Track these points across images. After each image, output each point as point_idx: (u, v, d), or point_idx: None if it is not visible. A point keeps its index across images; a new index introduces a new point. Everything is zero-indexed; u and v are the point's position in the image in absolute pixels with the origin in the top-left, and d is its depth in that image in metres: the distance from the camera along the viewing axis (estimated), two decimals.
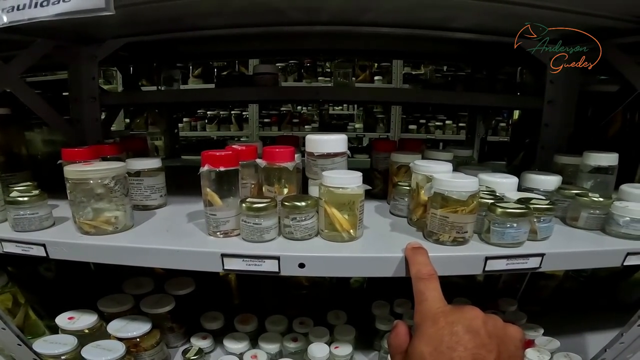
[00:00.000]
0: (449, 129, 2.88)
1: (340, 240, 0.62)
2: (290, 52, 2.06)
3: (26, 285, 0.86)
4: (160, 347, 0.79)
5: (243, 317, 0.88)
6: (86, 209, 0.62)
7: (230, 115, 3.13)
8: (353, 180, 0.60)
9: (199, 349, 0.81)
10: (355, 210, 0.61)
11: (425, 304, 0.47)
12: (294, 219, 0.62)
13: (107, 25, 0.85)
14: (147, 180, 0.77)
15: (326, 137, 0.67)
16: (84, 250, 0.61)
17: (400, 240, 0.64)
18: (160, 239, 0.63)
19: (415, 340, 0.45)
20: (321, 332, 0.82)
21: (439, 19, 0.85)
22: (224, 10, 0.80)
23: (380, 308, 0.90)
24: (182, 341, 0.88)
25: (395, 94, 1.25)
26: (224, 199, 0.62)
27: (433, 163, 0.67)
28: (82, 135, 0.97)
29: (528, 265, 0.59)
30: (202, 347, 0.82)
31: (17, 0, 0.50)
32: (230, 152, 0.62)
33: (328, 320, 0.87)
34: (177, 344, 0.87)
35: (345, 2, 0.75)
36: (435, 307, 0.46)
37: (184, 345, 0.87)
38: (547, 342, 0.80)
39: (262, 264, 0.58)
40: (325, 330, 0.83)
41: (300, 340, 0.82)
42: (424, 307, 0.47)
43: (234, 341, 0.82)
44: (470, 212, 0.58)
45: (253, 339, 0.84)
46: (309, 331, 0.83)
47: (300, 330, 0.84)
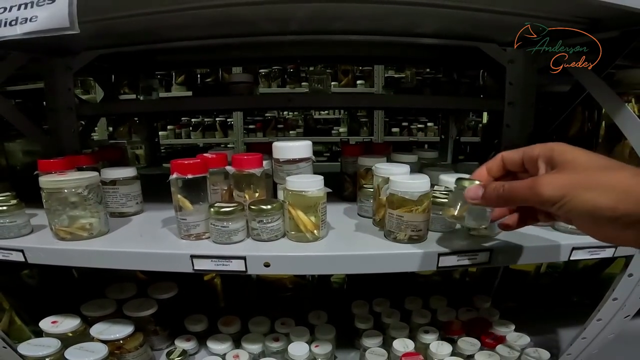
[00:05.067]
0: (430, 131, 2.94)
1: (305, 240, 0.66)
2: (272, 60, 2.09)
3: (10, 292, 0.88)
4: (144, 349, 0.81)
5: (226, 319, 0.91)
6: (62, 216, 0.65)
7: (215, 122, 3.15)
8: (314, 184, 0.64)
9: (182, 350, 0.83)
10: (318, 212, 0.65)
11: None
12: (260, 222, 0.65)
13: (80, 38, 0.87)
14: (123, 188, 0.80)
15: (290, 144, 0.71)
16: (60, 254, 0.64)
17: (362, 239, 0.68)
18: (133, 243, 0.67)
19: None
20: (301, 332, 0.85)
21: (404, 25, 0.89)
22: (196, 22, 0.82)
23: (360, 307, 0.93)
24: (166, 343, 0.90)
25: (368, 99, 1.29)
26: (194, 204, 0.65)
27: (392, 165, 0.71)
28: (59, 145, 0.99)
29: (478, 261, 0.63)
30: (186, 348, 0.85)
31: None
32: (198, 160, 0.66)
33: (309, 320, 0.90)
34: (162, 346, 0.90)
35: (312, 12, 0.78)
36: None
37: (169, 348, 0.88)
38: (518, 338, 0.82)
39: (229, 264, 0.62)
40: (305, 329, 0.86)
41: (282, 340, 0.84)
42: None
43: (217, 342, 0.85)
44: (423, 212, 0.62)
45: (236, 340, 0.86)
46: (290, 331, 0.86)
47: (281, 331, 0.87)
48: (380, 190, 0.70)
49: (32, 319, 0.88)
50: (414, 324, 0.87)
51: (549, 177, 0.41)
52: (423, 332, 0.83)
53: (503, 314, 0.92)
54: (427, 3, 0.68)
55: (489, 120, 1.36)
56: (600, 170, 0.39)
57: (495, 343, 0.82)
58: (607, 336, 0.75)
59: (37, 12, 0.51)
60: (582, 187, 0.38)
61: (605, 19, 0.72)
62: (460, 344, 0.80)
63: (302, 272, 0.63)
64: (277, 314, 0.92)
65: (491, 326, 0.87)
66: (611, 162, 0.40)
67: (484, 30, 0.90)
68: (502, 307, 0.94)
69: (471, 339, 0.82)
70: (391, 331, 0.84)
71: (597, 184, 0.38)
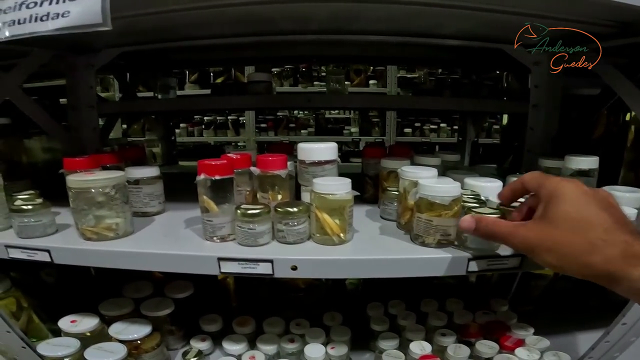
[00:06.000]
0: (443, 132, 2.91)
1: (330, 243, 0.65)
2: (285, 59, 2.09)
3: (29, 290, 0.88)
4: (161, 349, 0.81)
5: (241, 320, 0.90)
6: (88, 216, 0.65)
7: (227, 121, 3.16)
8: (342, 187, 0.63)
9: (198, 350, 0.83)
10: (345, 215, 0.64)
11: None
12: (286, 224, 0.64)
13: (103, 35, 0.87)
14: (146, 188, 0.79)
15: (316, 146, 0.70)
16: (87, 255, 0.64)
17: (388, 243, 0.67)
18: (159, 244, 0.66)
19: None
20: (317, 333, 0.84)
21: (426, 26, 0.88)
22: (218, 20, 0.82)
23: (375, 309, 0.92)
24: (181, 343, 0.90)
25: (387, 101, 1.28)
26: (220, 206, 0.65)
27: (419, 169, 0.70)
28: (80, 143, 0.99)
29: (509, 265, 0.62)
30: (202, 349, 0.84)
31: (17, 14, 0.52)
32: (225, 161, 0.65)
33: (324, 322, 0.89)
34: (177, 346, 0.89)
35: (333, 13, 0.78)
36: None
37: (184, 348, 0.88)
38: (537, 342, 0.81)
39: (256, 267, 0.61)
40: (321, 331, 0.85)
41: (297, 341, 0.83)
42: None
43: (232, 343, 0.84)
44: (453, 216, 0.61)
45: (251, 340, 0.86)
46: (305, 332, 0.85)
47: (296, 332, 0.86)
48: (407, 194, 0.69)
49: (50, 317, 0.88)
50: (430, 327, 0.86)
51: (524, 230, 0.50)
52: (440, 335, 0.82)
53: (521, 318, 0.90)
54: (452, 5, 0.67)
55: (509, 123, 1.34)
56: (569, 230, 0.46)
57: (514, 346, 0.80)
58: (630, 339, 0.74)
59: (70, 7, 0.50)
60: (545, 249, 0.48)
61: (635, 23, 0.71)
62: (478, 346, 0.79)
63: (330, 275, 0.62)
64: (291, 315, 0.92)
65: (509, 329, 0.86)
66: (590, 218, 0.45)
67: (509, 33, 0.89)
68: (519, 311, 0.93)
69: (489, 342, 0.80)
70: (407, 333, 0.83)
71: (557, 245, 0.46)
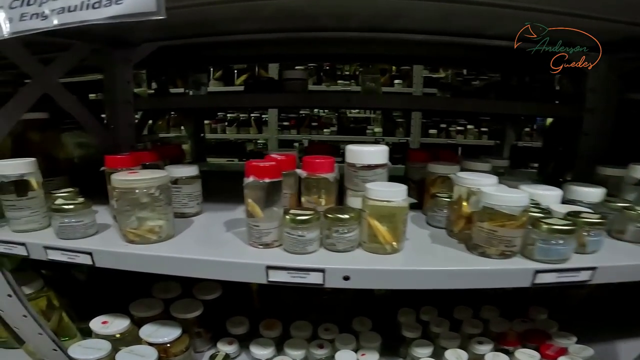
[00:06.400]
0: (470, 134, 2.84)
1: (382, 252, 0.61)
2: (311, 57, 2.06)
3: (60, 288, 0.87)
4: (189, 352, 0.79)
5: (268, 323, 0.88)
6: (131, 217, 0.62)
7: (250, 118, 3.15)
8: (398, 194, 0.59)
9: (225, 354, 0.81)
10: (399, 223, 0.61)
11: None
12: (337, 231, 0.61)
13: (143, 29, 0.86)
14: (185, 188, 0.77)
15: (367, 149, 0.66)
16: (130, 259, 0.61)
17: (443, 252, 0.64)
18: (203, 249, 0.63)
19: None
20: (348, 339, 0.82)
21: (475, 26, 0.84)
22: (258, 14, 0.80)
23: (406, 315, 0.89)
24: (208, 346, 0.88)
25: (429, 102, 1.23)
26: (267, 210, 0.62)
27: (477, 175, 0.66)
28: (116, 139, 0.98)
29: (578, 279, 0.58)
30: (229, 352, 0.82)
31: (67, 1, 0.49)
32: (274, 162, 0.62)
33: (352, 327, 0.86)
34: (203, 349, 0.87)
35: (377, 10, 0.75)
36: None
37: (210, 350, 0.86)
38: (581, 350, 0.78)
39: (307, 277, 0.58)
40: (351, 337, 0.82)
41: (327, 347, 0.81)
42: None
43: (260, 347, 0.82)
44: (520, 227, 0.57)
45: (278, 344, 0.84)
46: (334, 338, 0.82)
47: (325, 337, 0.83)
48: (463, 201, 0.65)
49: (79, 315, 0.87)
50: (464, 334, 0.83)
51: None
52: (476, 343, 0.79)
53: (561, 326, 0.86)
54: (507, 4, 0.63)
55: (553, 126, 1.28)
56: None
57: (556, 355, 0.77)
58: None
59: None
60: None
61: None
62: (518, 355, 0.76)
63: (384, 286, 0.59)
64: (317, 318, 0.89)
65: (550, 338, 0.82)
66: None
67: (566, 34, 0.84)
68: (559, 319, 0.89)
69: (530, 351, 0.77)
70: (441, 341, 0.80)
71: None
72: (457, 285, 0.59)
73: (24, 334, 0.77)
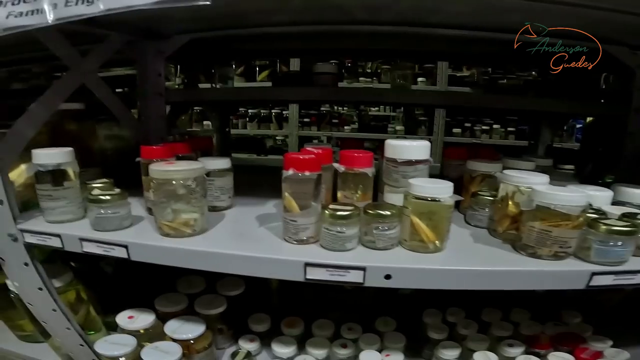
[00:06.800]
0: (496, 134, 2.76)
1: (423, 251, 0.59)
2: (333, 52, 2.03)
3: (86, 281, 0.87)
4: (211, 349, 0.78)
5: (289, 321, 0.86)
6: (167, 209, 0.61)
7: (271, 114, 3.14)
8: (445, 191, 0.57)
9: (247, 352, 0.80)
10: (444, 222, 0.58)
11: None
12: (377, 228, 0.59)
13: (176, 20, 0.85)
14: (218, 180, 0.76)
15: (409, 143, 0.64)
16: (166, 253, 0.60)
17: (488, 252, 0.62)
18: (238, 244, 0.62)
19: None
20: (372, 339, 0.80)
21: (516, 22, 0.80)
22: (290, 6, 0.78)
23: (432, 316, 0.87)
24: (228, 343, 0.87)
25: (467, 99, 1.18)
26: (306, 205, 0.60)
27: (525, 174, 0.63)
28: (147, 131, 0.98)
29: (636, 281, 0.55)
30: (250, 349, 0.81)
31: None
32: (313, 156, 0.60)
33: (376, 327, 0.85)
34: (224, 346, 0.86)
35: (416, 2, 0.72)
36: None
37: (231, 347, 0.86)
38: (617, 354, 0.77)
39: (346, 275, 0.56)
40: (376, 337, 0.81)
41: (350, 347, 0.79)
42: None
43: (281, 345, 0.80)
44: (577, 227, 0.54)
45: (299, 342, 0.82)
46: (358, 337, 0.81)
47: (349, 336, 0.82)
48: (510, 200, 0.62)
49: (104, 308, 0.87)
50: (493, 337, 0.81)
51: None
52: (507, 345, 0.77)
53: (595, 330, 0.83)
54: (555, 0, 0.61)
55: (592, 126, 1.22)
56: None
57: (592, 358, 0.76)
58: None
59: None
60: None
61: None
62: (551, 358, 0.74)
63: (426, 286, 0.56)
64: (339, 316, 0.87)
65: (585, 341, 0.79)
66: None
67: (613, 32, 0.80)
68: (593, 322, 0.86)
69: (563, 354, 0.75)
70: (469, 343, 0.78)
71: None
72: (507, 286, 0.57)
73: (51, 329, 0.77)
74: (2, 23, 0.48)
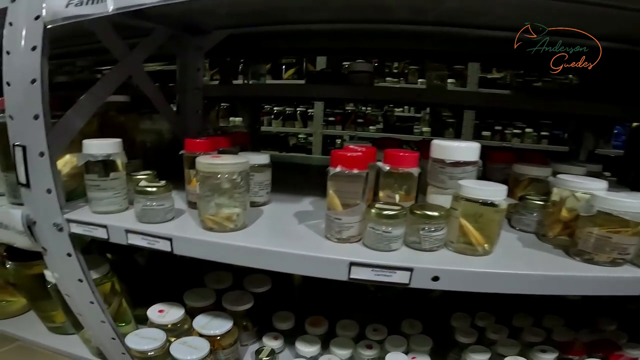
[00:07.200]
0: (528, 138, 2.68)
1: (470, 253, 0.57)
2: (360, 52, 2.01)
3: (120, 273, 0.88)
4: (236, 345, 0.78)
5: (313, 320, 0.86)
6: (211, 203, 0.61)
7: (296, 112, 3.14)
8: (498, 193, 0.55)
9: (271, 349, 0.80)
10: (496, 225, 0.56)
11: None
12: (423, 229, 0.57)
13: (216, 15, 0.86)
14: (258, 176, 0.76)
15: (458, 144, 0.62)
16: (210, 248, 0.60)
17: (539, 257, 0.60)
18: (280, 240, 0.61)
19: None
20: (399, 341, 0.79)
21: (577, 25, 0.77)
22: (332, 4, 0.77)
23: (460, 320, 0.85)
24: (252, 340, 0.87)
25: (510, 100, 1.14)
26: (349, 203, 0.59)
27: (581, 179, 0.60)
28: (184, 125, 0.99)
29: None
30: (274, 347, 0.81)
31: None
32: (360, 153, 0.59)
33: (402, 329, 0.83)
34: (248, 343, 0.86)
35: (465, 4, 0.71)
36: None
37: (254, 344, 0.86)
38: None
39: (392, 275, 0.55)
40: (402, 339, 0.79)
41: (375, 348, 0.78)
42: None
43: (305, 344, 0.80)
44: (636, 234, 0.51)
45: (323, 342, 0.82)
46: (383, 339, 0.80)
47: (374, 338, 0.81)
48: (562, 205, 0.60)
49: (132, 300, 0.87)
50: (524, 342, 0.79)
51: None
52: (539, 351, 0.75)
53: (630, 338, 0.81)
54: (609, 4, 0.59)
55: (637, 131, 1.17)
56: None
57: None
58: None
59: None
60: None
61: None
62: None
63: (475, 289, 0.55)
64: (363, 317, 0.86)
65: (620, 348, 0.77)
66: None
67: None
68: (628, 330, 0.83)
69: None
70: (499, 348, 0.77)
71: None
72: (564, 291, 0.55)
73: (86, 321, 0.77)
74: (61, 12, 0.49)
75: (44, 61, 0.55)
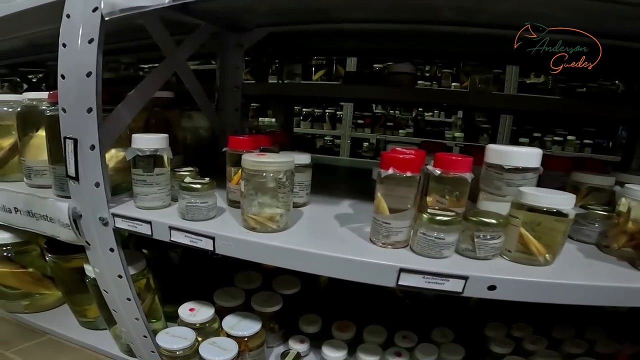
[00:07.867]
0: (570, 145, 2.55)
1: (528, 263, 0.54)
2: (393, 53, 1.98)
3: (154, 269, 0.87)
4: (263, 347, 0.76)
5: (341, 324, 0.84)
6: (254, 202, 0.60)
7: (324, 114, 3.13)
8: (567, 202, 0.51)
9: (297, 353, 0.78)
10: (560, 235, 0.52)
11: None
12: (479, 237, 0.54)
13: (257, 12, 0.85)
14: (298, 176, 0.74)
15: (517, 149, 0.58)
16: (253, 248, 0.59)
17: (603, 268, 0.56)
18: (324, 243, 0.59)
19: None
20: (429, 350, 0.76)
21: None
22: (378, 3, 0.75)
23: (496, 330, 0.82)
24: (278, 342, 0.86)
25: (569, 106, 1.08)
26: (397, 207, 0.56)
27: None
28: (222, 123, 0.98)
29: None
30: (300, 351, 0.80)
31: None
32: (413, 156, 0.56)
33: (432, 337, 0.80)
34: (273, 345, 0.85)
35: (516, 6, 0.67)
36: None
37: (279, 347, 0.84)
38: None
39: (445, 283, 0.52)
40: (434, 347, 0.77)
41: (404, 356, 0.75)
42: None
43: (332, 348, 0.78)
44: None
45: (350, 347, 0.79)
46: (413, 346, 0.77)
47: (403, 345, 0.78)
48: (629, 215, 0.55)
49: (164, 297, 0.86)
50: (564, 354, 0.77)
51: None
52: None
53: None
54: None
55: None
56: None
57: None
58: None
59: None
60: None
61: None
62: None
63: (534, 299, 0.51)
64: (391, 323, 0.84)
65: None
66: None
67: None
68: None
69: None
70: (537, 359, 0.75)
71: None
72: (629, 302, 0.52)
73: (121, 318, 0.77)
74: (119, 4, 0.49)
75: (99, 54, 0.55)
